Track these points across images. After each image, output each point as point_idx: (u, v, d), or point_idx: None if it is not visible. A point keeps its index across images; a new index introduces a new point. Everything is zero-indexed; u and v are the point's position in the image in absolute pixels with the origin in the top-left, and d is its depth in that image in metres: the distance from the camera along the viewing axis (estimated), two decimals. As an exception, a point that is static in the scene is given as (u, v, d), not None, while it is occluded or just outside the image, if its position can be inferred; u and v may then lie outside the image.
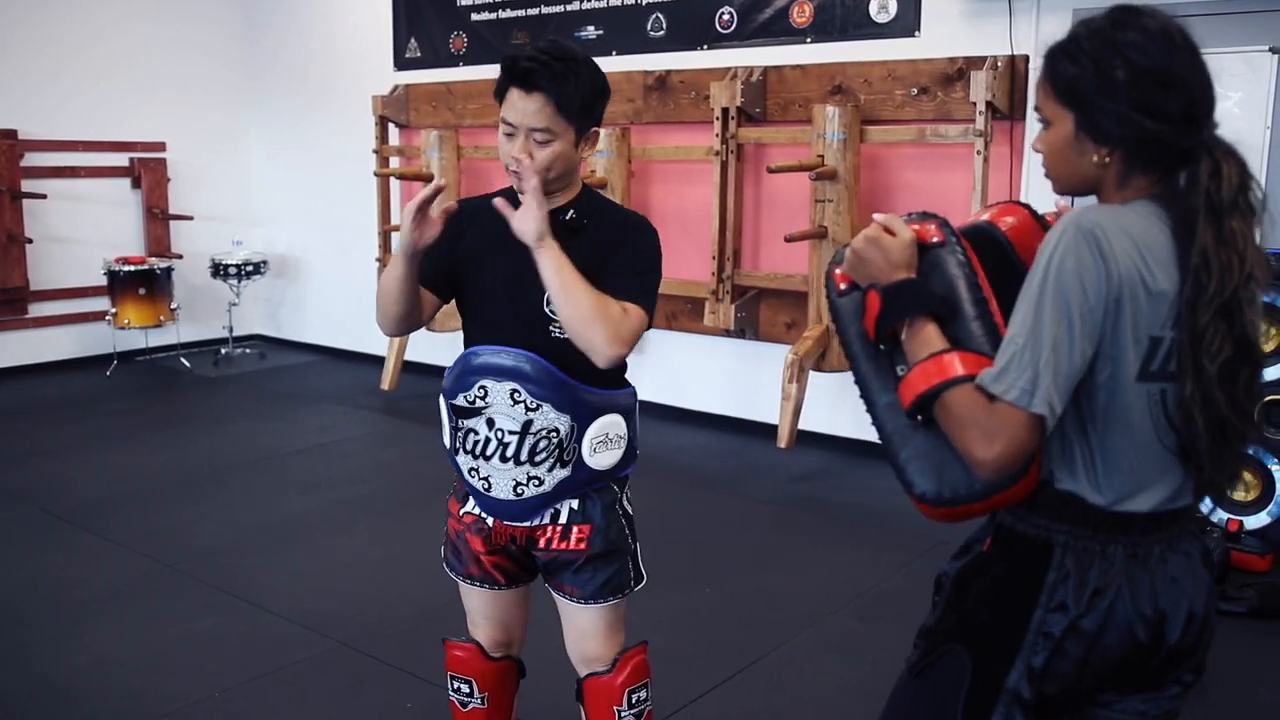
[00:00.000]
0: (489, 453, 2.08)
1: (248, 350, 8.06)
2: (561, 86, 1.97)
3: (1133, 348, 1.40)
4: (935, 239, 1.54)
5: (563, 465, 2.09)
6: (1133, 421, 1.44)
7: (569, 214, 2.09)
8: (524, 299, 2.05)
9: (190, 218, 7.89)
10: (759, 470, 5.29)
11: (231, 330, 7.85)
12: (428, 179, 6.46)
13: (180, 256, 7.76)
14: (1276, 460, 4.07)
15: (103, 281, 7.30)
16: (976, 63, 4.86)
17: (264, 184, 8.37)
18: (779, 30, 5.59)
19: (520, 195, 2.00)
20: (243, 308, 7.95)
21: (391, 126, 7.26)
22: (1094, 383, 1.42)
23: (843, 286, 1.61)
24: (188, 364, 7.53)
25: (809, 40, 5.50)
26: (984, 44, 4.92)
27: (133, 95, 7.65)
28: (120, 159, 7.65)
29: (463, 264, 2.12)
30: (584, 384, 2.07)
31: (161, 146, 7.83)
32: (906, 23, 5.19)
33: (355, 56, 7.56)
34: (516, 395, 2.03)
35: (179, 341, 7.72)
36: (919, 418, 1.47)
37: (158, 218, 7.78)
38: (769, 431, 5.42)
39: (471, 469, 2.12)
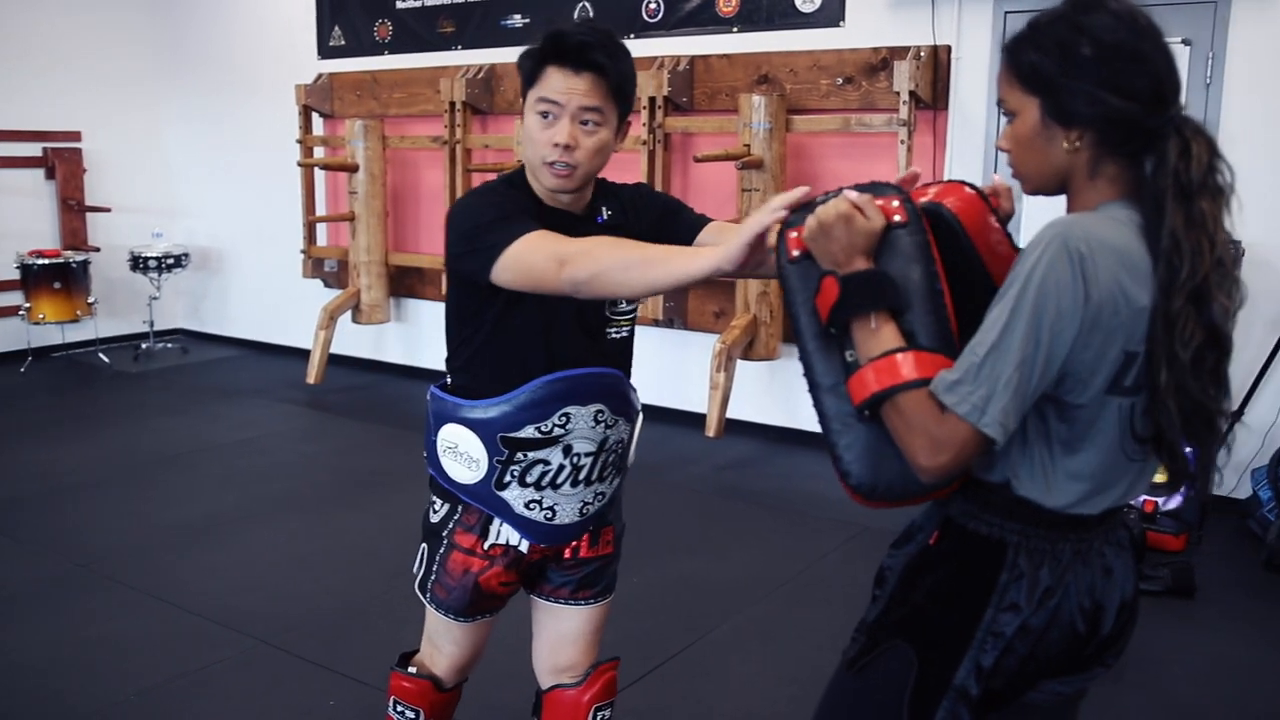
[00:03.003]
0: (559, 481, 1.92)
1: (169, 345, 7.88)
2: (616, 65, 1.79)
3: (1106, 368, 1.37)
4: (897, 218, 1.46)
5: (619, 473, 2.03)
6: (1100, 435, 1.42)
7: (605, 213, 1.95)
8: (586, 304, 1.87)
9: (108, 209, 7.69)
10: (687, 459, 5.29)
11: (152, 324, 7.67)
12: (352, 169, 6.38)
13: (98, 249, 7.56)
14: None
15: (15, 275, 7.08)
16: (900, 53, 4.90)
17: (184, 175, 8.18)
18: (705, 20, 5.59)
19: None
20: (164, 301, 7.77)
21: (315, 116, 7.14)
22: (1063, 402, 1.39)
23: (795, 253, 1.51)
24: (106, 359, 7.35)
25: (735, 30, 5.51)
26: (907, 34, 4.96)
27: (46, 83, 7.42)
28: (33, 149, 7.42)
29: None
30: (631, 388, 2.00)
31: (77, 136, 7.62)
32: (831, 13, 5.22)
33: (278, 44, 7.41)
34: (600, 415, 1.91)
35: (97, 336, 7.52)
36: (866, 413, 1.43)
37: (73, 209, 7.57)
38: (697, 420, 5.44)
39: (531, 501, 1.93)
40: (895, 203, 1.48)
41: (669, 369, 5.89)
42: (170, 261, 7.50)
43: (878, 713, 1.51)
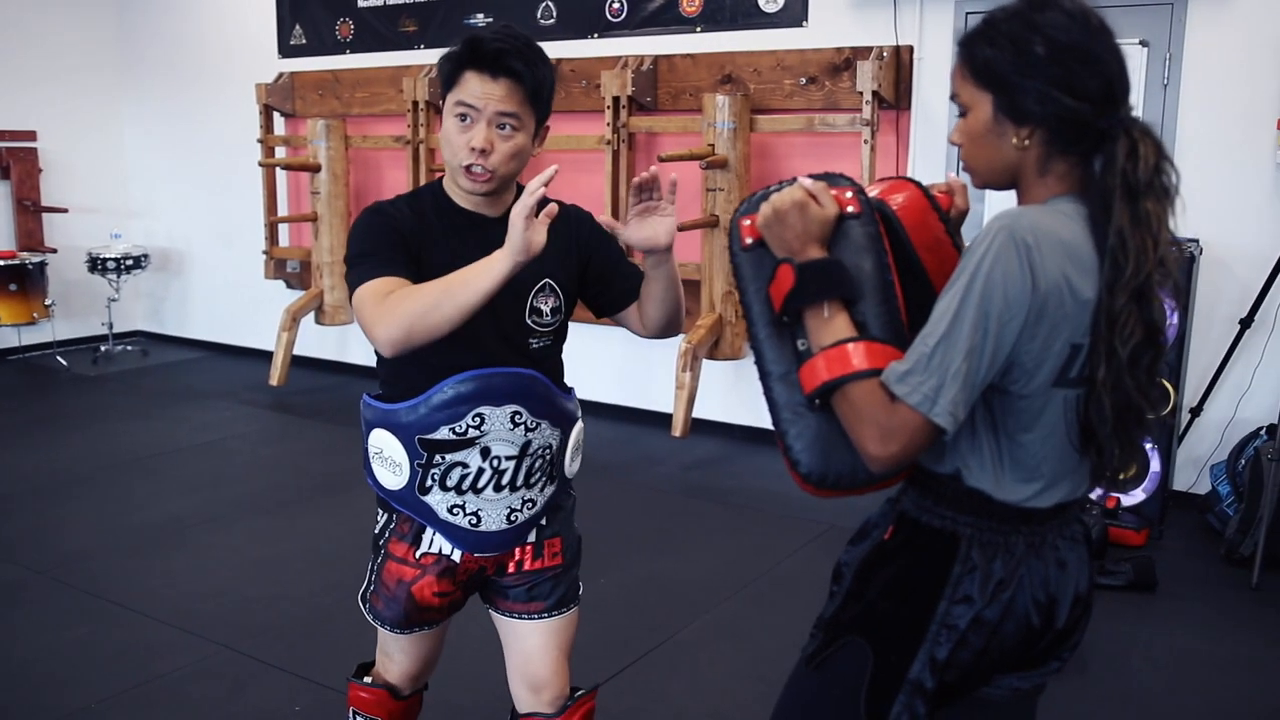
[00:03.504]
0: (480, 485, 1.90)
1: (129, 347, 7.78)
2: (533, 71, 1.82)
3: (1051, 359, 1.38)
4: (850, 209, 1.48)
5: (551, 481, 2.00)
6: (1047, 427, 1.43)
7: None
8: (505, 312, 1.86)
9: (65, 210, 7.58)
10: (653, 459, 5.29)
11: (111, 327, 7.56)
12: (314, 169, 6.33)
13: (54, 250, 7.45)
14: (1150, 440, 4.21)
15: (-30, 278, 6.97)
16: (863, 53, 4.93)
17: (143, 175, 8.08)
18: (669, 19, 5.59)
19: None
20: (123, 303, 7.67)
21: (277, 115, 7.07)
22: (1010, 392, 1.41)
23: (749, 241, 1.52)
24: (64, 362, 7.24)
25: (699, 29, 5.52)
26: (870, 34, 4.99)
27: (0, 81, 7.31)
28: (-13, 149, 7.32)
29: (433, 276, 1.80)
30: (562, 392, 1.99)
31: (32, 135, 7.50)
32: (794, 13, 5.24)
33: (238, 42, 7.34)
34: (518, 417, 1.89)
35: (55, 339, 7.41)
36: (816, 401, 1.44)
37: (29, 210, 7.46)
38: (663, 420, 5.43)
39: (454, 506, 1.92)
40: (849, 194, 1.50)
41: (634, 369, 5.88)
42: (129, 263, 7.41)
43: (835, 708, 1.52)
